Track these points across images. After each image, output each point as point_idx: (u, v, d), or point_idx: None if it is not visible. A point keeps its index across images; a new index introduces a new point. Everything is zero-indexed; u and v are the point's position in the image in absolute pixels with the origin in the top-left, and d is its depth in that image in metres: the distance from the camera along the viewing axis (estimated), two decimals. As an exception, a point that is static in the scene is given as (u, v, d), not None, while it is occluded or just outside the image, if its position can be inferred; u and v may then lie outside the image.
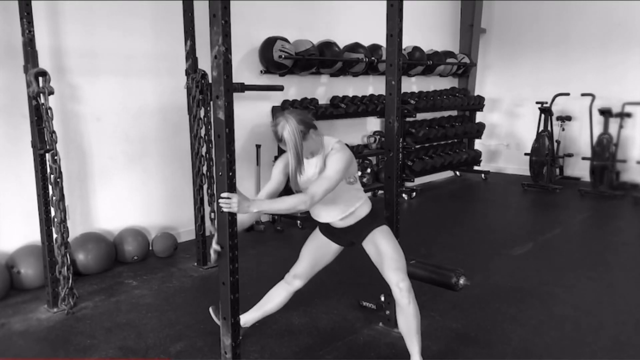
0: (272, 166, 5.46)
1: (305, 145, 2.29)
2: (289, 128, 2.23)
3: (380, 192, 6.22)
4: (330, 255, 2.65)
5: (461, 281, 2.77)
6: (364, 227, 2.50)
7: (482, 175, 7.54)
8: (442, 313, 3.15)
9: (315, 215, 2.55)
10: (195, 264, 4.02)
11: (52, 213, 3.14)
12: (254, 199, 2.15)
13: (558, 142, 7.03)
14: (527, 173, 7.01)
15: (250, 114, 5.03)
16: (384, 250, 2.45)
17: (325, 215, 2.50)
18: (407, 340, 2.47)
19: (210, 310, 2.77)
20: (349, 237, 2.57)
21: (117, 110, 4.11)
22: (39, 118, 3.04)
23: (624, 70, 6.73)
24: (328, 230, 2.60)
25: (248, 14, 4.81)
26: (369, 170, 6.17)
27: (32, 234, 3.54)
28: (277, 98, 5.21)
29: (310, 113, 2.35)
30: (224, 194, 2.03)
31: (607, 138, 6.48)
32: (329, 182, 2.24)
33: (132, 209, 4.28)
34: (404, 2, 2.76)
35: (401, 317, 2.46)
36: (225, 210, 2.04)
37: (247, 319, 2.73)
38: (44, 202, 3.14)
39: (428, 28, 7.19)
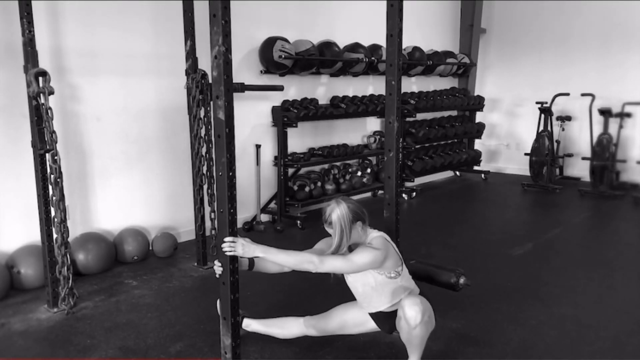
0: (272, 165, 5.47)
1: (352, 230, 2.31)
2: (338, 212, 2.26)
3: (380, 192, 6.22)
4: (361, 329, 2.64)
5: (461, 281, 2.77)
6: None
7: (482, 175, 7.54)
8: (442, 313, 3.14)
9: (362, 306, 2.55)
10: (195, 264, 4.02)
11: (52, 213, 3.14)
12: (260, 245, 2.19)
13: (558, 142, 7.04)
14: (527, 173, 7.01)
15: (250, 114, 5.03)
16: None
17: (372, 307, 2.50)
18: (419, 344, 2.43)
19: (218, 303, 2.77)
20: (387, 322, 2.53)
21: (117, 110, 4.12)
22: (39, 118, 3.04)
23: (624, 70, 6.74)
24: (375, 317, 2.57)
25: (248, 14, 4.82)
26: (369, 170, 6.18)
27: (32, 234, 3.55)
28: (277, 98, 5.21)
29: (362, 209, 2.38)
30: (227, 238, 2.07)
31: (607, 138, 6.48)
32: (346, 263, 2.27)
33: (132, 209, 4.28)
34: (404, 2, 2.76)
35: (399, 322, 2.43)
36: (228, 253, 2.07)
37: (252, 326, 2.77)
38: (44, 202, 3.14)
39: (428, 28, 7.20)
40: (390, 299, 2.45)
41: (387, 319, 2.52)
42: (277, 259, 2.26)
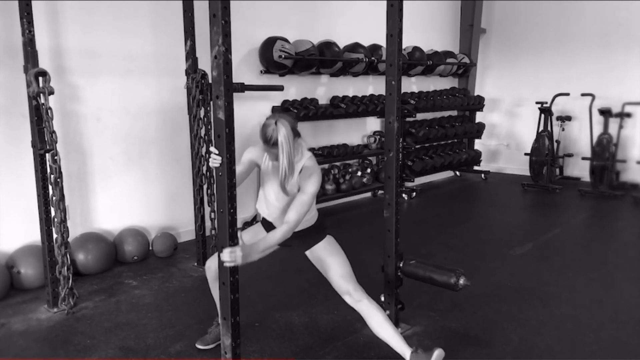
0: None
1: (295, 147, 2.28)
2: (284, 131, 2.18)
3: (380, 192, 6.22)
4: None
5: (461, 281, 2.77)
6: (306, 237, 2.50)
7: (482, 175, 7.54)
8: (442, 313, 3.15)
9: (262, 211, 2.53)
10: (195, 264, 4.02)
11: (52, 213, 3.14)
12: (253, 246, 2.17)
13: (558, 142, 7.03)
14: (527, 173, 7.01)
15: (250, 114, 5.02)
16: (330, 263, 2.48)
17: (276, 219, 2.48)
18: (390, 340, 2.46)
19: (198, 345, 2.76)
20: (290, 242, 2.48)
21: (117, 110, 4.12)
22: (39, 118, 3.04)
23: (624, 70, 6.73)
24: (271, 228, 2.51)
25: (248, 14, 4.82)
26: (369, 170, 6.18)
27: (32, 234, 3.54)
28: (277, 98, 5.21)
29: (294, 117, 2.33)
30: (227, 249, 2.03)
31: (607, 138, 6.48)
32: (306, 205, 2.29)
33: (132, 209, 4.28)
34: (404, 2, 2.76)
35: (370, 320, 2.48)
36: (228, 264, 2.05)
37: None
38: (44, 202, 3.14)
39: (428, 28, 7.19)
40: None
41: (291, 238, 2.42)
42: (266, 247, 2.26)
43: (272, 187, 2.43)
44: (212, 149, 2.04)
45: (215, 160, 2.02)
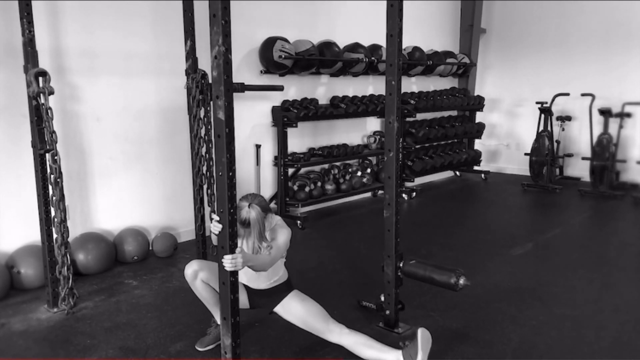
0: (272, 165, 5.45)
1: (265, 225, 2.51)
2: (254, 215, 2.44)
3: (380, 192, 6.22)
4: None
5: (461, 281, 2.77)
6: (279, 293, 2.64)
7: (482, 175, 7.54)
8: (442, 313, 3.15)
9: (248, 282, 2.65)
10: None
11: (52, 213, 3.14)
12: (250, 256, 2.29)
13: (558, 142, 7.04)
14: (527, 173, 7.01)
15: (250, 114, 5.03)
16: (301, 315, 2.58)
17: (253, 282, 2.64)
18: (380, 356, 2.48)
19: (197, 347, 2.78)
20: (263, 301, 2.67)
21: (117, 110, 4.12)
22: (39, 118, 3.04)
23: (624, 70, 6.73)
24: (247, 289, 2.68)
25: (248, 14, 4.82)
26: (369, 170, 6.18)
27: (32, 234, 3.55)
28: (277, 98, 5.22)
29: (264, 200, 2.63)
30: (228, 256, 2.08)
31: (607, 138, 6.48)
32: (282, 249, 2.51)
33: (132, 209, 4.28)
34: (404, 2, 2.76)
35: (356, 348, 2.52)
36: (229, 269, 2.09)
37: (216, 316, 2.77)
38: (44, 202, 3.14)
39: (428, 28, 7.20)
40: (272, 274, 2.61)
41: (256, 296, 2.67)
42: (255, 264, 2.36)
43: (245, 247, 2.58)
44: (214, 216, 2.16)
45: (216, 227, 2.14)
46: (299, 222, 4.96)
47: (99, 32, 3.94)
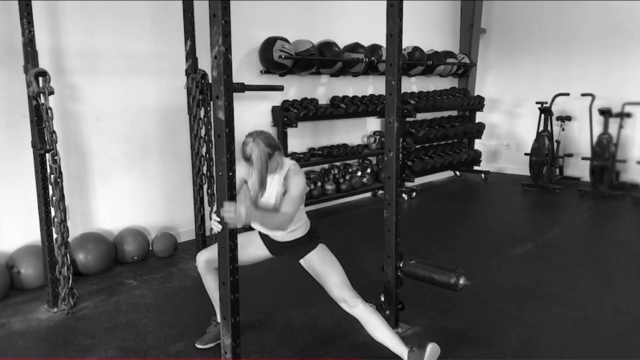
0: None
1: (269, 164, 2.39)
2: (257, 151, 2.33)
3: (380, 192, 6.22)
4: (257, 257, 2.66)
5: (461, 281, 2.77)
6: (299, 248, 2.57)
7: (482, 175, 7.54)
8: (442, 313, 3.15)
9: (254, 226, 2.57)
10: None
11: (52, 213, 3.14)
12: (251, 210, 2.18)
13: (558, 142, 7.03)
14: (527, 173, 7.01)
15: (250, 114, 5.03)
16: (323, 272, 2.53)
17: (270, 231, 2.55)
18: (386, 342, 2.49)
19: (198, 344, 2.77)
20: (283, 252, 2.62)
21: (117, 110, 4.11)
22: (39, 118, 3.04)
23: (624, 70, 6.73)
24: (265, 238, 2.63)
25: (248, 14, 4.82)
26: (369, 170, 6.18)
27: (32, 234, 3.55)
28: (277, 98, 5.21)
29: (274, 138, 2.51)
30: (227, 207, 2.00)
31: (607, 138, 6.48)
32: (298, 200, 2.40)
33: (132, 209, 4.28)
34: (404, 2, 2.76)
35: (367, 325, 2.51)
36: (230, 222, 2.03)
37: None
38: (44, 202, 3.14)
39: (428, 28, 7.20)
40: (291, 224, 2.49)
41: (278, 247, 2.60)
42: (263, 222, 2.33)
43: (261, 200, 2.50)
44: (213, 215, 2.12)
45: (216, 227, 2.12)
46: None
47: (99, 32, 3.94)
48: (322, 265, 2.53)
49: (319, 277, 2.55)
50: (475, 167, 7.72)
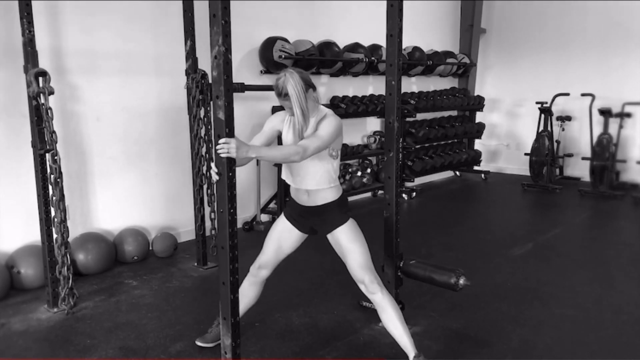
0: (272, 165, 5.44)
1: (307, 97, 2.30)
2: (292, 82, 2.23)
3: (380, 192, 6.22)
4: (293, 242, 2.61)
5: (461, 281, 2.77)
6: (328, 216, 2.48)
7: (482, 175, 7.54)
8: (442, 313, 3.15)
9: (286, 177, 2.50)
10: (195, 264, 4.02)
11: (52, 213, 3.14)
12: (252, 145, 2.14)
13: (558, 142, 7.04)
14: (527, 173, 7.01)
15: (250, 114, 5.02)
16: (349, 248, 2.46)
17: (299, 180, 2.44)
18: (397, 334, 2.46)
19: (198, 343, 2.78)
20: (312, 222, 2.53)
21: (117, 110, 4.12)
22: (39, 118, 3.04)
23: (624, 70, 6.73)
24: (293, 213, 2.56)
25: (248, 14, 4.81)
26: (369, 170, 6.17)
27: (32, 234, 3.55)
28: (277, 98, 5.20)
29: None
30: (221, 140, 1.95)
31: (607, 138, 6.48)
32: (320, 140, 2.26)
33: (132, 209, 4.28)
34: (404, 2, 2.76)
35: (382, 314, 2.47)
36: (223, 155, 1.96)
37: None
38: (44, 202, 3.14)
39: (428, 28, 7.20)
40: (320, 179, 2.42)
41: (306, 215, 2.51)
42: (268, 156, 2.27)
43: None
44: (212, 165, 2.06)
45: (215, 177, 2.07)
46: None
47: (99, 32, 3.94)
48: (350, 242, 2.45)
49: (344, 254, 2.48)
50: (475, 167, 7.73)
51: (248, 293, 2.67)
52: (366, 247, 2.48)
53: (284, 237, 2.60)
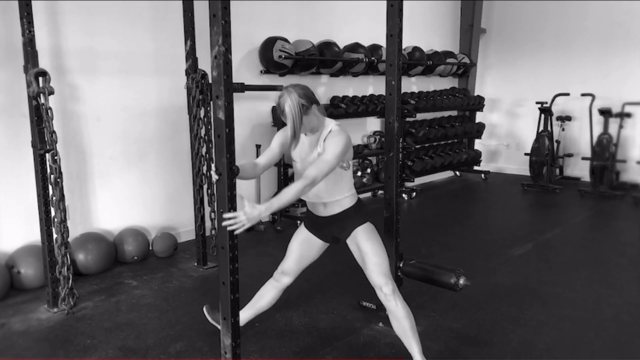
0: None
1: (305, 120, 2.30)
2: (290, 102, 2.25)
3: (380, 192, 6.22)
4: (315, 251, 2.65)
5: (461, 281, 2.77)
6: (347, 221, 2.48)
7: (482, 175, 7.54)
8: (442, 313, 3.15)
9: (307, 195, 2.49)
10: (195, 264, 4.02)
11: (52, 213, 3.14)
12: (261, 205, 2.14)
13: (558, 142, 7.04)
14: (527, 173, 7.01)
15: (250, 114, 5.03)
16: (367, 251, 2.45)
17: (313, 195, 2.45)
18: (406, 343, 2.47)
19: (205, 310, 2.82)
20: (332, 230, 2.54)
21: (117, 110, 4.11)
22: (39, 118, 3.04)
23: (624, 70, 6.73)
24: (312, 223, 2.59)
25: (248, 14, 4.81)
26: (369, 170, 6.17)
27: (32, 234, 3.55)
28: (276, 98, 5.20)
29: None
30: (226, 215, 2.01)
31: (607, 138, 6.48)
32: (328, 165, 2.26)
33: (132, 209, 4.28)
34: (404, 2, 2.76)
35: (394, 321, 2.48)
36: (237, 230, 2.03)
37: (242, 317, 2.73)
38: (44, 202, 3.14)
39: (428, 28, 7.20)
40: (333, 190, 2.42)
41: (325, 224, 2.53)
42: (281, 204, 2.24)
43: (302, 164, 2.42)
44: (212, 166, 2.08)
45: (215, 177, 2.09)
46: (299, 222, 4.97)
47: (99, 32, 3.94)
48: (368, 242, 2.44)
49: (363, 257, 2.46)
50: (475, 167, 7.73)
51: (266, 295, 2.72)
52: (384, 251, 2.49)
53: (304, 247, 2.64)
